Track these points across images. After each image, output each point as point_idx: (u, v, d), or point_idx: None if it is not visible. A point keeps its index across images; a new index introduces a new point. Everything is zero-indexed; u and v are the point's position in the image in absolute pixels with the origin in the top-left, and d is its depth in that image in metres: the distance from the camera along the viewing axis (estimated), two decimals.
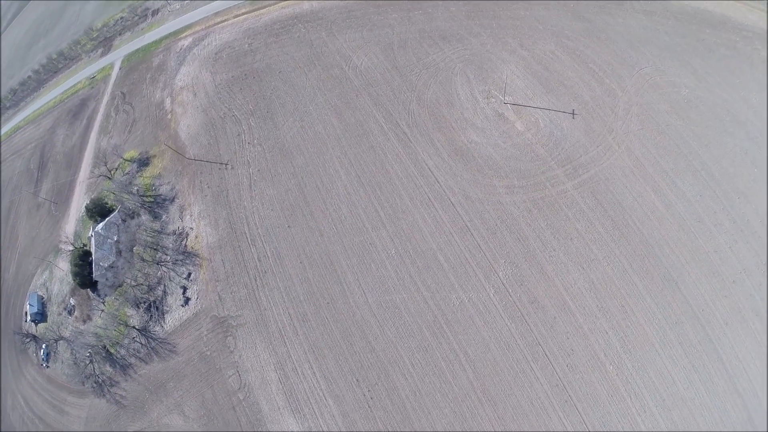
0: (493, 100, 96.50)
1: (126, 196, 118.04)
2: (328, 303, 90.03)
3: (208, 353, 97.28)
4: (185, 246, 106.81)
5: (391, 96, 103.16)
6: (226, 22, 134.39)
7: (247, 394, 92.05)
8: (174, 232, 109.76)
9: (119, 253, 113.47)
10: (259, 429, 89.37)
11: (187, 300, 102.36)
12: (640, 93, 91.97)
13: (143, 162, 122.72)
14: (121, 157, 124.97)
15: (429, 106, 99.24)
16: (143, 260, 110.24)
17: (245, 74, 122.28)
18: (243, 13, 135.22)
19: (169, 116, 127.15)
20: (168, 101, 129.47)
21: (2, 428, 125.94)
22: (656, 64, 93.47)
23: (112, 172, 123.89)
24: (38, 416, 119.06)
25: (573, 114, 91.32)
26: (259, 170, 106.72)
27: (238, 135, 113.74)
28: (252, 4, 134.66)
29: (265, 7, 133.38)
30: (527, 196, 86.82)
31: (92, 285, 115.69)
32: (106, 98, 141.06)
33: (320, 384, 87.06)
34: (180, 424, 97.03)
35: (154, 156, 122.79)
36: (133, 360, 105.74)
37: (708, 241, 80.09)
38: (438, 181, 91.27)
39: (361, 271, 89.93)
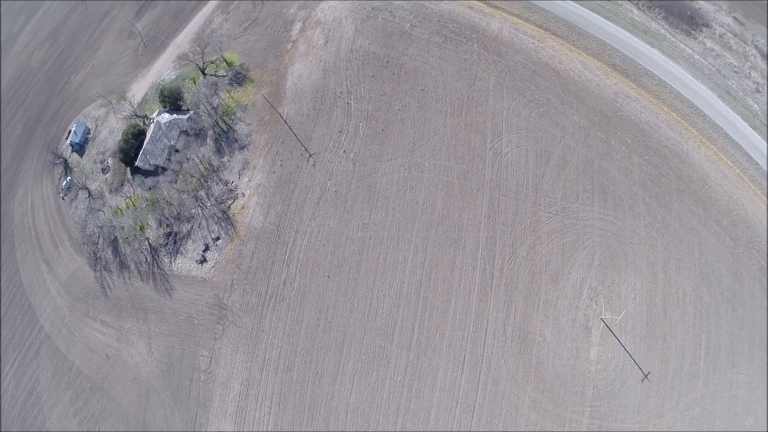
0: (594, 306, 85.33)
1: (204, 104, 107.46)
2: (316, 372, 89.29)
3: (196, 322, 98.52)
4: (228, 207, 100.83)
5: (509, 219, 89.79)
6: None
7: (208, 380, 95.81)
8: (225, 183, 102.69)
9: (169, 159, 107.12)
10: (203, 413, 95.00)
11: (203, 259, 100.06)
12: (713, 398, 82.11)
13: (238, 78, 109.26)
14: (221, 55, 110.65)
15: (535, 264, 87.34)
16: (185, 185, 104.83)
17: (387, 61, 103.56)
18: None
19: (289, 46, 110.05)
20: (297, 27, 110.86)
21: (2, 211, 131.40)
22: (754, 377, 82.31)
23: (205, 64, 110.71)
24: (36, 231, 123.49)
25: (645, 377, 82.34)
26: (336, 192, 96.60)
27: (340, 132, 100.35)
28: None
29: None
30: (543, 422, 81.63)
31: (132, 165, 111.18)
32: None
33: (268, 425, 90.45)
34: (142, 353, 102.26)
35: (251, 81, 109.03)
36: (132, 266, 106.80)
37: None
38: (484, 349, 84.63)
39: (362, 370, 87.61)
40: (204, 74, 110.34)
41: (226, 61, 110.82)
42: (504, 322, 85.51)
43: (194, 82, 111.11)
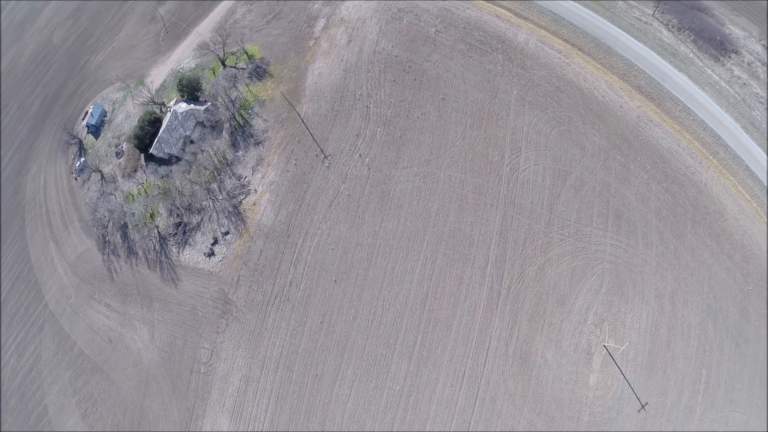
0: (598, 332, 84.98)
1: (222, 96, 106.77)
2: (315, 375, 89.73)
3: (200, 314, 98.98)
4: (239, 202, 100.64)
5: (521, 238, 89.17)
6: None
7: (208, 373, 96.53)
8: (238, 178, 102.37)
9: (183, 149, 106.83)
10: (200, 405, 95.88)
11: (211, 253, 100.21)
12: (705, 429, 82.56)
13: (257, 71, 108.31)
14: (243, 47, 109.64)
15: (543, 286, 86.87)
16: (198, 176, 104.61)
17: (410, 66, 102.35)
18: None
19: (311, 43, 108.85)
20: (321, 24, 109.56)
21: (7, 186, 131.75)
22: (751, 417, 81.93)
23: (226, 55, 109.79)
24: (47, 209, 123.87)
25: (642, 407, 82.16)
26: (348, 195, 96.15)
27: (357, 135, 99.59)
28: None
29: None
30: None
31: (146, 152, 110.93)
32: None
33: (264, 423, 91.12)
34: (145, 339, 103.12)
35: (271, 76, 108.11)
36: (140, 253, 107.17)
37: None
38: (484, 366, 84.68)
39: (361, 377, 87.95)
40: (224, 65, 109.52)
41: (246, 53, 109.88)
42: (507, 341, 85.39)
43: (213, 73, 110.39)
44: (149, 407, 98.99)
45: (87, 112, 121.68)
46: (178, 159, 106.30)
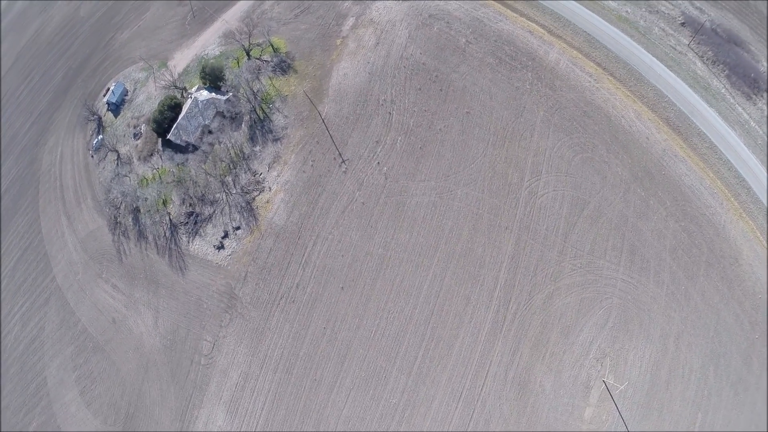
0: (599, 367, 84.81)
1: (244, 87, 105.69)
2: (313, 380, 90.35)
3: (205, 306, 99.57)
4: (253, 198, 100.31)
5: (532, 264, 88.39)
6: None
7: (208, 365, 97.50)
8: (254, 173, 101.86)
9: (201, 138, 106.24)
10: (198, 396, 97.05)
11: (221, 246, 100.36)
12: None
13: (282, 66, 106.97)
14: (269, 39, 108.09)
15: (549, 315, 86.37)
16: (214, 168, 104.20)
17: (436, 76, 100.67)
18: None
19: (338, 42, 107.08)
20: (350, 22, 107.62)
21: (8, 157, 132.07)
22: None
23: (251, 46, 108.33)
24: (61, 183, 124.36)
25: None
26: (363, 203, 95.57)
27: (377, 142, 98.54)
28: None
29: (517, 11, 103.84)
30: None
31: (164, 137, 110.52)
32: None
33: (259, 420, 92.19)
34: (148, 324, 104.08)
35: (295, 72, 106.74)
36: (150, 238, 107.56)
37: None
38: (482, 389, 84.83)
39: (359, 386, 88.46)
40: (248, 56, 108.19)
41: (272, 46, 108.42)
42: (507, 367, 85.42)
43: (237, 63, 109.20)
44: (147, 392, 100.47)
45: (108, 90, 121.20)
46: (195, 148, 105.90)
